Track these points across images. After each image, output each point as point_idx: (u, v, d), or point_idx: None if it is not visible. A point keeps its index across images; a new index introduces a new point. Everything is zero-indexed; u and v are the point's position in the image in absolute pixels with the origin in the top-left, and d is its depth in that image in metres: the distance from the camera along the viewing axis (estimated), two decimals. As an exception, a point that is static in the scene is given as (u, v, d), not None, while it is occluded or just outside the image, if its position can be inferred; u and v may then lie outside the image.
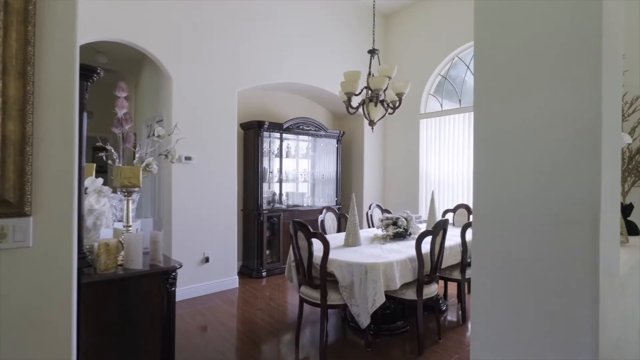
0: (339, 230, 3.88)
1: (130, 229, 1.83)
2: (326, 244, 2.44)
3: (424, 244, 2.58)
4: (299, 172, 5.27)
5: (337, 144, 5.43)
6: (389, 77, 3.04)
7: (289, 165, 5.16)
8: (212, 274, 3.96)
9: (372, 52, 3.35)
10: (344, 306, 2.53)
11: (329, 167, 5.46)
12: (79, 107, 1.17)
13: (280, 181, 4.86)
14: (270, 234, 4.74)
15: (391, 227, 3.22)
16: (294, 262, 2.82)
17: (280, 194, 4.86)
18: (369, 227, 4.06)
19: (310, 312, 3.28)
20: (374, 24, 3.50)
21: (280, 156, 4.86)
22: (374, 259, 2.49)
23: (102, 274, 1.59)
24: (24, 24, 1.00)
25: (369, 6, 5.35)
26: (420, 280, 2.59)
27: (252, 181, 4.59)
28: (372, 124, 3.27)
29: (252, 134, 4.59)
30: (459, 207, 4.10)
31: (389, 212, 4.19)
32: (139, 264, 1.69)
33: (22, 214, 1.02)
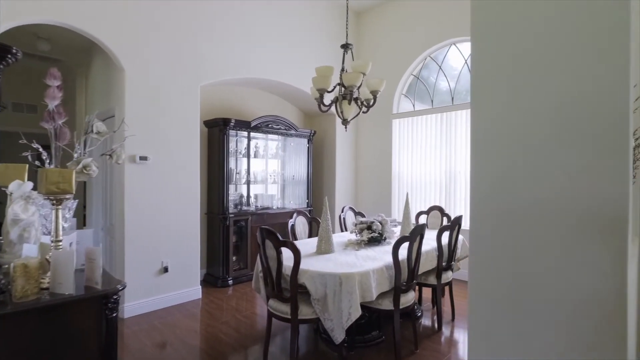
0: (311, 235, 3.67)
1: (60, 244, 1.51)
2: (297, 253, 2.23)
3: (401, 250, 2.43)
4: (269, 173, 5.01)
5: (308, 143, 5.23)
6: (363, 74, 2.87)
7: (257, 165, 4.89)
8: (171, 284, 3.62)
9: (346, 47, 3.17)
10: (317, 320, 2.33)
11: (299, 167, 5.24)
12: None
13: (248, 182, 4.58)
14: (237, 239, 4.45)
15: (365, 231, 3.06)
16: (261, 273, 2.58)
17: (248, 196, 4.58)
18: (342, 230, 3.89)
19: (280, 325, 3.05)
20: (347, 17, 3.32)
21: (248, 156, 4.58)
22: (348, 268, 2.31)
23: (19, 303, 1.28)
24: None
25: (341, 3, 5.19)
26: (397, 289, 2.44)
27: (218, 183, 4.28)
28: (345, 122, 3.10)
29: (217, 132, 4.28)
30: (432, 209, 4.02)
31: (362, 215, 4.04)
32: (69, 288, 1.39)
33: None
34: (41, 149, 1.67)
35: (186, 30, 3.70)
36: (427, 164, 4.89)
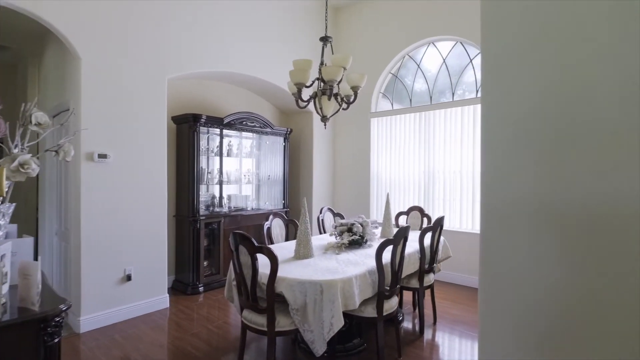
0: (288, 238, 3.49)
1: (-13, 257, 1.26)
2: (274, 260, 2.04)
3: (384, 254, 2.30)
4: (243, 172, 4.77)
5: (284, 142, 5.03)
6: (344, 68, 2.72)
7: (230, 164, 4.64)
8: (135, 294, 3.32)
9: (325, 40, 3.01)
10: (296, 332, 2.15)
11: (275, 167, 5.04)
12: None
13: (220, 183, 4.32)
14: (209, 243, 4.19)
15: (346, 234, 2.91)
16: (234, 281, 2.37)
17: (220, 197, 4.33)
18: (321, 233, 3.73)
19: (255, 335, 2.84)
20: (327, 8, 3.17)
21: (220, 155, 4.32)
22: (330, 275, 2.15)
23: None
24: None
25: (318, -4, 5.03)
26: (380, 295, 2.31)
27: (187, 183, 4.00)
28: (324, 119, 2.94)
29: (187, 129, 4.00)
30: (412, 209, 3.94)
31: (341, 216, 3.90)
32: (-3, 311, 1.14)
33: None
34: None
35: (151, 18, 3.41)
36: (405, 164, 4.83)
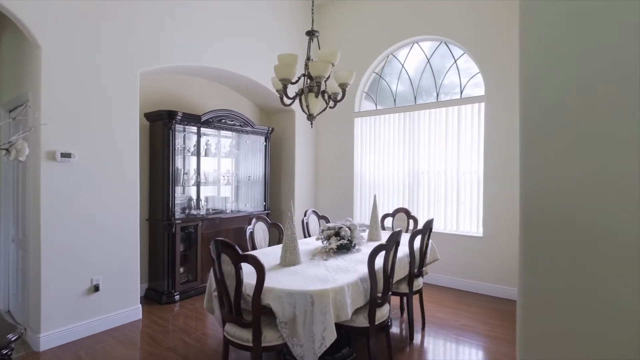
0: (271, 242, 3.31)
1: None
2: (260, 270, 1.88)
3: (377, 259, 2.18)
4: (221, 173, 4.54)
5: (265, 141, 4.84)
6: (332, 64, 2.59)
7: (208, 165, 4.41)
8: (104, 306, 3.04)
9: (311, 34, 2.86)
10: (284, 346, 1.99)
11: (256, 167, 4.84)
12: None
13: (198, 184, 4.08)
14: (185, 248, 3.94)
15: (333, 238, 2.78)
16: (216, 292, 2.18)
17: (198, 199, 4.09)
18: (305, 236, 3.58)
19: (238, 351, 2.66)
20: (313, 4, 3.02)
21: (198, 154, 4.08)
22: (320, 284, 2.00)
23: None
24: None
25: (301, -9, 4.88)
26: (373, 303, 2.19)
27: (162, 184, 3.74)
28: (311, 118, 2.79)
29: (162, 127, 3.74)
30: (397, 211, 3.87)
31: (326, 219, 3.77)
32: None
33: None
34: None
35: (123, 6, 3.14)
36: (389, 165, 4.76)
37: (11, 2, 2.55)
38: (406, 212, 3.79)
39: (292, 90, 2.96)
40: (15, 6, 2.57)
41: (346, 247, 2.77)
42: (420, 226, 4.21)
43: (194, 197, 4.08)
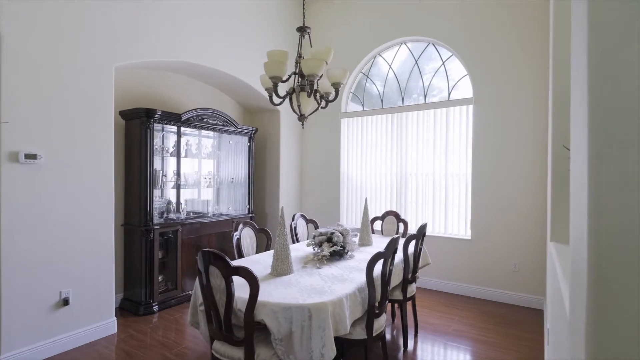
0: (259, 249, 3.15)
1: None
2: (254, 284, 1.72)
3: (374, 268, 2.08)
4: (202, 175, 4.32)
5: (249, 142, 4.65)
6: (325, 62, 2.46)
7: (189, 166, 4.18)
8: (74, 320, 2.78)
9: (302, 30, 2.73)
10: (278, 364, 1.85)
11: (239, 169, 4.64)
12: None
13: (177, 186, 3.85)
14: (164, 254, 3.71)
15: (326, 244, 2.66)
16: (202, 306, 2.01)
17: (178, 203, 3.86)
18: (294, 241, 3.43)
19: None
20: (304, 3, 2.88)
21: (177, 155, 3.85)
22: (317, 296, 1.87)
23: None
24: None
25: (286, -13, 4.73)
26: (371, 313, 2.08)
27: (139, 187, 3.49)
28: (302, 119, 2.65)
29: (139, 126, 3.49)
30: (387, 214, 3.79)
31: (315, 223, 3.65)
32: None
33: None
34: None
35: (96, -7, 2.90)
36: (377, 166, 4.69)
37: (-34, -16, 2.27)
38: (396, 215, 3.71)
39: (281, 89, 2.81)
40: (-29, -11, 2.29)
41: (339, 254, 2.65)
42: (410, 229, 4.16)
43: (174, 200, 3.85)
